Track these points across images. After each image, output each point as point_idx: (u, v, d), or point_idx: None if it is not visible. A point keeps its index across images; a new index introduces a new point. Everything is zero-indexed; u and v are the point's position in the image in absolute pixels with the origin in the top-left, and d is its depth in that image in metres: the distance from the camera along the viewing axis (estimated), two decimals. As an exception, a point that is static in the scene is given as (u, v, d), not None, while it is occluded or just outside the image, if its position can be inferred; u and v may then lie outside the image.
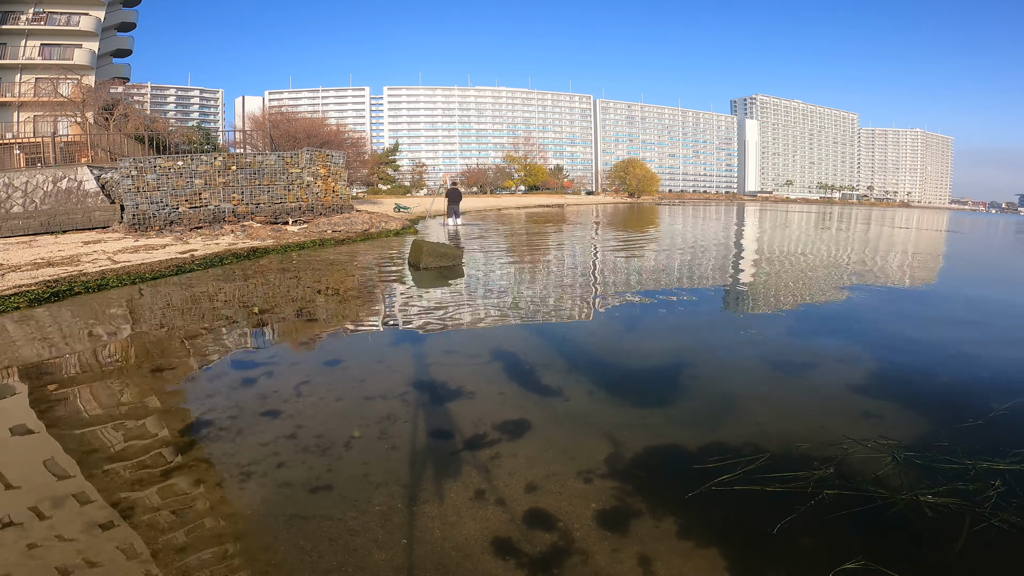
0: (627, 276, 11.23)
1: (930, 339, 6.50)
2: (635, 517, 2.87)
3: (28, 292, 7.95)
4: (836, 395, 4.61)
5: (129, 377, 5.01)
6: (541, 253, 15.49)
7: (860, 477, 3.18)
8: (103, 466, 3.35)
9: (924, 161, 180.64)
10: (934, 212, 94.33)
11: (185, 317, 7.38)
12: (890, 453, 3.43)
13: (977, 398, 4.51)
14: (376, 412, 4.17)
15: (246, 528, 2.77)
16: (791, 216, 47.16)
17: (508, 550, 2.63)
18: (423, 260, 11.38)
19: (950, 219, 57.39)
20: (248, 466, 3.35)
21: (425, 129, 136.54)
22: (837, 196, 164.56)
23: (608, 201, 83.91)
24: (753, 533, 2.73)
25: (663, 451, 3.61)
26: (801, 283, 10.51)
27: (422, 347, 5.94)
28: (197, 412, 4.19)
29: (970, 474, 3.19)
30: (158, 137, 24.62)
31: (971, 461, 3.33)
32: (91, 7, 33.48)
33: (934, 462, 3.33)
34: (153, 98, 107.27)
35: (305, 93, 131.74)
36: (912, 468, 3.27)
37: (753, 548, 2.63)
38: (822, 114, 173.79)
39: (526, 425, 3.96)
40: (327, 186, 20.18)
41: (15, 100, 31.09)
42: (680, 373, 5.13)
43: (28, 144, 24.88)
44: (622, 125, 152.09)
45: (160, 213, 16.63)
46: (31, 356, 5.61)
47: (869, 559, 2.48)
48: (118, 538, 2.66)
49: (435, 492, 3.11)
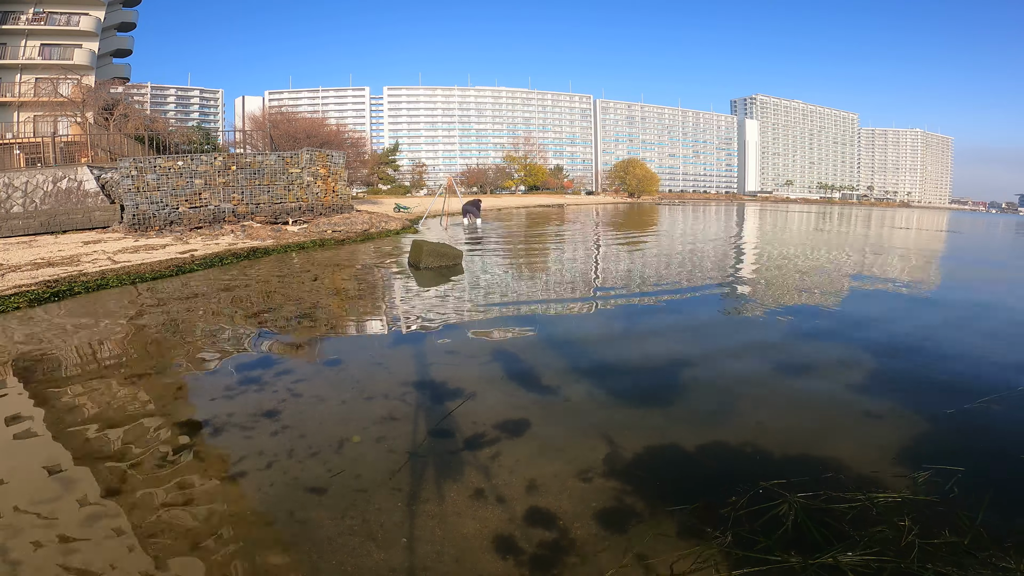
0: (627, 276, 11.23)
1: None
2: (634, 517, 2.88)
3: (28, 292, 7.96)
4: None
5: (129, 376, 5.01)
6: (541, 253, 15.49)
7: (763, 540, 2.66)
8: (102, 462, 3.36)
9: (924, 161, 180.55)
10: (934, 212, 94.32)
11: (185, 317, 7.37)
12: (783, 500, 2.96)
13: (828, 423, 4.10)
14: (375, 412, 4.17)
15: (249, 525, 2.78)
16: (791, 216, 47.15)
17: (509, 549, 2.63)
18: (423, 260, 11.39)
19: (950, 219, 57.38)
20: (246, 463, 3.36)
21: (425, 129, 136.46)
22: (837, 196, 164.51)
23: (608, 201, 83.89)
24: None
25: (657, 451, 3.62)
26: (792, 287, 10.51)
27: (422, 347, 5.94)
28: (197, 411, 4.19)
29: (873, 513, 2.84)
30: (158, 137, 24.61)
31: (863, 495, 2.98)
32: (91, 7, 33.47)
33: (831, 502, 2.93)
34: (153, 98, 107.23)
35: (305, 93, 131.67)
36: (813, 516, 2.82)
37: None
38: (822, 114, 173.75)
39: (527, 424, 3.97)
40: (327, 186, 20.18)
41: (15, 100, 31.08)
42: (677, 373, 5.13)
43: (28, 144, 24.87)
44: (622, 125, 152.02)
45: (160, 213, 16.63)
46: (32, 354, 5.61)
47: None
48: (106, 526, 2.67)
49: (435, 491, 3.11)
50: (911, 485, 3.15)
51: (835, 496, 3.00)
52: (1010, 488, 3.16)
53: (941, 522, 2.78)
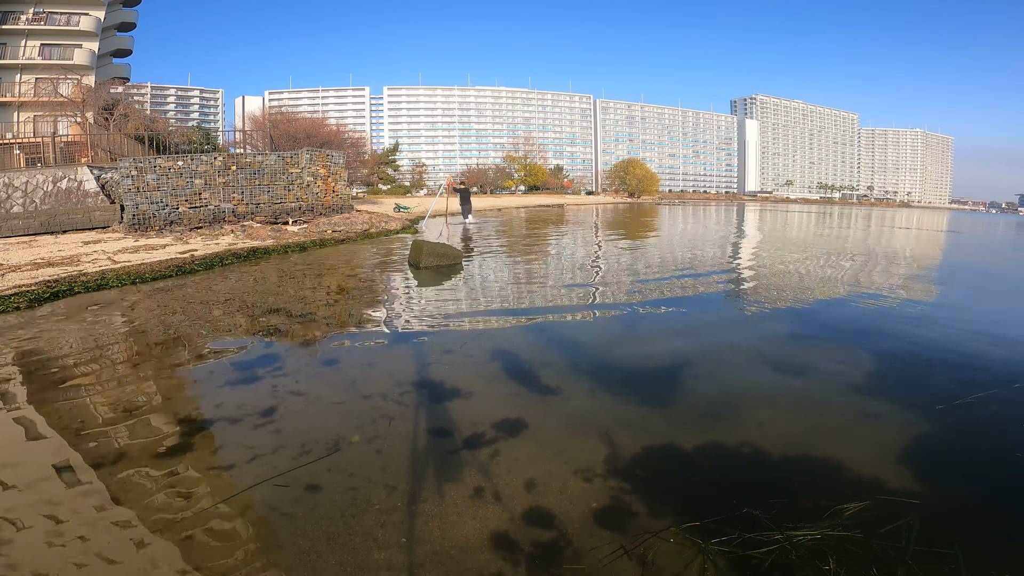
0: (628, 276, 11.24)
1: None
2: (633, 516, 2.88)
3: (28, 292, 7.96)
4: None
5: (128, 376, 5.01)
6: (541, 253, 15.49)
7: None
8: (107, 457, 3.36)
9: (924, 161, 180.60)
10: (934, 212, 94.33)
11: (185, 316, 7.38)
12: (692, 544, 2.65)
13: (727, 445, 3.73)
14: (374, 411, 4.17)
15: (246, 524, 2.78)
16: (791, 216, 47.16)
17: (508, 548, 2.64)
18: (423, 259, 11.39)
19: (950, 219, 57.39)
20: (241, 461, 3.36)
21: (425, 129, 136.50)
22: (837, 196, 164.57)
23: (608, 201, 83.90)
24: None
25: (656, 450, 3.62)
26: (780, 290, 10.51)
27: (421, 346, 5.95)
28: (196, 410, 4.20)
29: (793, 557, 2.55)
30: (158, 137, 24.62)
31: (781, 534, 2.69)
32: (91, 7, 33.49)
33: (748, 546, 2.63)
34: (153, 98, 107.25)
35: (305, 93, 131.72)
36: (723, 563, 2.55)
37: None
38: (822, 114, 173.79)
39: (526, 424, 3.97)
40: (327, 186, 20.19)
41: (15, 100, 31.10)
42: (676, 373, 5.14)
43: (28, 144, 24.89)
44: (622, 125, 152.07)
45: (160, 213, 16.63)
46: (32, 354, 5.62)
47: None
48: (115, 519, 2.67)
49: (435, 490, 3.11)
50: (837, 517, 2.82)
51: (751, 540, 2.66)
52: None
53: (872, 562, 2.49)
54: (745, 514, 2.87)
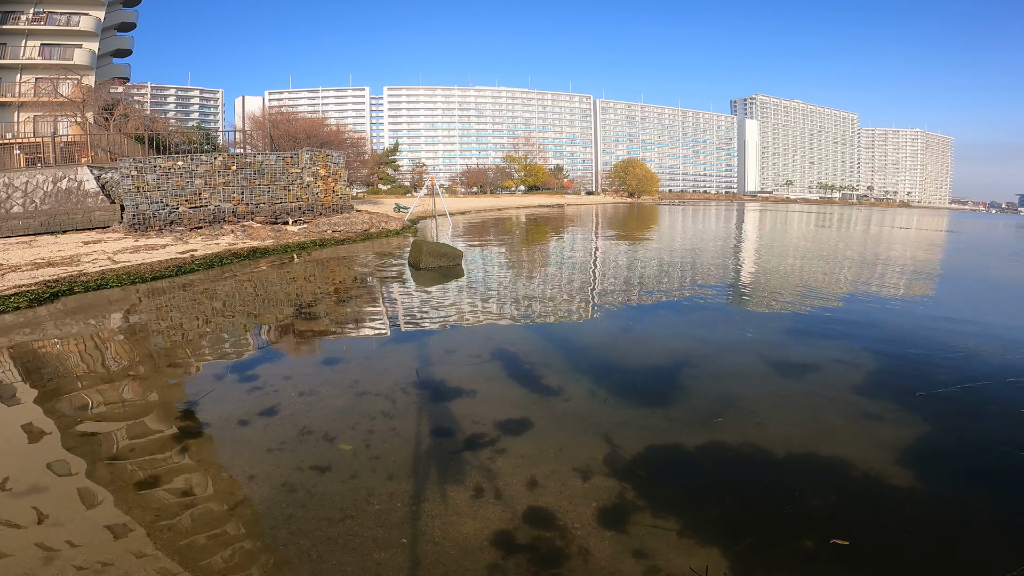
0: (628, 276, 11.23)
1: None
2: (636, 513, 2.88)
3: (28, 292, 7.95)
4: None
5: (126, 375, 5.01)
6: (541, 253, 15.49)
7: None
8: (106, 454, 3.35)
9: (924, 161, 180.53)
10: (934, 212, 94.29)
11: (185, 316, 7.38)
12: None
13: None
14: (374, 411, 4.17)
15: (251, 524, 2.78)
16: (791, 217, 47.14)
17: (509, 547, 2.63)
18: (423, 260, 11.39)
19: (950, 220, 57.36)
20: (242, 461, 3.35)
21: (425, 129, 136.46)
22: (837, 196, 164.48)
23: (608, 201, 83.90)
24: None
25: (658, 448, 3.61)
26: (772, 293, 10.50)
27: (422, 346, 5.94)
28: (196, 410, 4.19)
29: None
30: (158, 137, 24.61)
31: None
32: (91, 7, 33.47)
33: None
34: (153, 98, 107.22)
35: (305, 93, 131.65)
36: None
37: None
38: (822, 114, 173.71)
39: (527, 423, 3.97)
40: (327, 186, 20.17)
41: (15, 100, 31.07)
42: (676, 373, 5.14)
43: (28, 144, 24.87)
44: (622, 125, 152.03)
45: (160, 213, 16.63)
46: (32, 353, 5.61)
47: None
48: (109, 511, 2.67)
49: (436, 489, 3.11)
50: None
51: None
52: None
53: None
54: (748, 514, 2.86)
